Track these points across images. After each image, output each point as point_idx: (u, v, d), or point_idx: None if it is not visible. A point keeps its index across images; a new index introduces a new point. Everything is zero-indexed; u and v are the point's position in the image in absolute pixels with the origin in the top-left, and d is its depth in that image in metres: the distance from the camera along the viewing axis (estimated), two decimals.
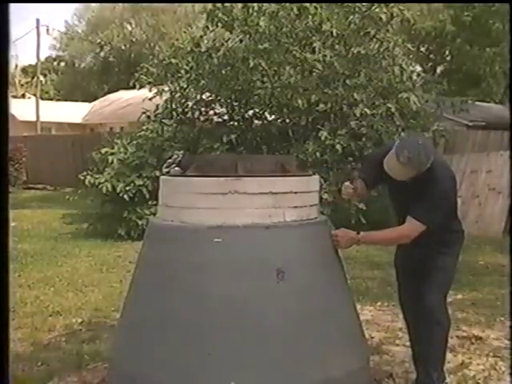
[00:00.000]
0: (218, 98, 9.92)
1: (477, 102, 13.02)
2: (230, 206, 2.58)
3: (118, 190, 8.84)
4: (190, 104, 10.08)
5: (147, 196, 8.77)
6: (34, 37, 26.43)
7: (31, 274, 6.45)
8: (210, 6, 8.98)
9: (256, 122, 9.84)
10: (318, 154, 8.33)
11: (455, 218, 3.22)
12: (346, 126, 8.51)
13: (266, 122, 9.83)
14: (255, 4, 8.51)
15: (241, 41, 9.13)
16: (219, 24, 9.03)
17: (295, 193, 2.69)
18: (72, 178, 13.44)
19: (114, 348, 2.98)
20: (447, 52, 21.78)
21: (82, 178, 9.28)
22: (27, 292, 5.63)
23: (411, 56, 9.47)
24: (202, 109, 10.22)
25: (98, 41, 33.98)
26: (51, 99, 33.93)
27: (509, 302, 4.05)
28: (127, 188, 8.89)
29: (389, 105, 8.33)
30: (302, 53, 8.37)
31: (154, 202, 7.94)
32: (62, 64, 39.89)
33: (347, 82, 8.45)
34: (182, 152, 3.02)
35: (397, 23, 8.96)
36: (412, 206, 2.89)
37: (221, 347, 2.49)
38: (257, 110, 9.76)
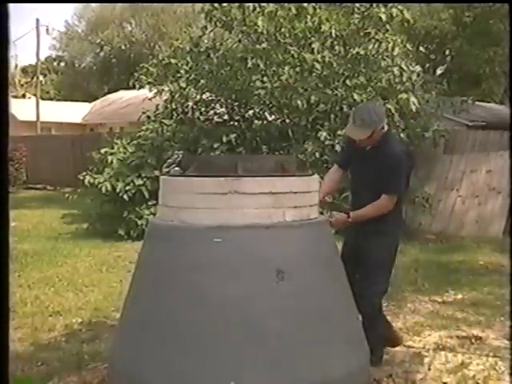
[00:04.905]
0: (218, 98, 9.93)
1: (477, 102, 13.02)
2: (230, 206, 2.58)
3: (118, 189, 8.85)
4: (190, 104, 10.09)
5: (147, 196, 8.77)
6: (34, 37, 26.41)
7: (31, 273, 6.45)
8: (208, 5, 8.96)
9: (256, 122, 9.84)
10: (317, 154, 8.33)
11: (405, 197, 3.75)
12: (345, 127, 8.50)
13: (265, 122, 9.83)
14: (251, 4, 8.50)
15: (239, 41, 9.12)
16: (218, 24, 9.03)
17: (295, 193, 2.69)
18: (72, 177, 13.46)
19: (113, 348, 2.98)
20: (447, 52, 21.77)
21: (82, 177, 9.28)
22: (27, 292, 5.63)
23: (411, 56, 9.45)
24: (202, 109, 10.22)
25: (98, 41, 34.01)
26: (51, 99, 33.93)
27: (509, 301, 4.05)
28: (127, 188, 8.90)
29: (388, 105, 8.33)
30: (300, 53, 8.36)
31: (154, 202, 7.94)
32: (62, 64, 39.91)
33: (347, 82, 8.45)
34: (181, 152, 3.02)
35: (396, 23, 8.94)
36: (379, 184, 3.36)
37: (221, 347, 2.49)
38: (257, 110, 9.76)
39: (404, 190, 3.55)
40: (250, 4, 8.51)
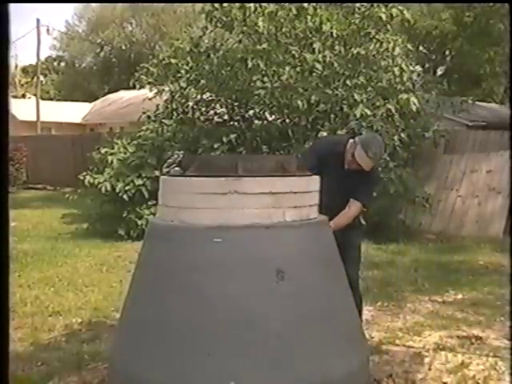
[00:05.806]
0: (219, 98, 9.92)
1: (477, 102, 13.02)
2: (230, 206, 2.58)
3: (118, 189, 8.85)
4: (190, 104, 10.09)
5: (147, 196, 8.77)
6: (34, 37, 26.37)
7: (31, 273, 6.45)
8: (208, 6, 8.96)
9: (256, 122, 9.84)
10: None
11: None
12: (345, 127, 8.50)
13: (266, 122, 9.83)
14: (252, 4, 8.49)
15: (240, 41, 9.12)
16: (218, 24, 9.03)
17: (295, 193, 2.69)
18: (72, 177, 13.46)
19: (113, 348, 2.98)
20: (447, 52, 21.77)
21: (82, 177, 9.28)
22: (27, 292, 5.63)
23: (411, 56, 9.45)
24: (202, 109, 10.22)
25: (99, 41, 34.02)
26: (51, 99, 33.91)
27: (509, 301, 4.05)
28: (127, 188, 8.90)
29: (389, 106, 8.32)
30: (301, 53, 8.36)
31: (154, 202, 7.93)
32: (63, 64, 39.89)
33: (347, 82, 8.44)
34: (182, 152, 3.01)
35: (397, 23, 8.94)
36: (353, 192, 3.77)
37: (220, 347, 2.49)
38: (257, 110, 9.76)
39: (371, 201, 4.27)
40: (251, 4, 8.51)
